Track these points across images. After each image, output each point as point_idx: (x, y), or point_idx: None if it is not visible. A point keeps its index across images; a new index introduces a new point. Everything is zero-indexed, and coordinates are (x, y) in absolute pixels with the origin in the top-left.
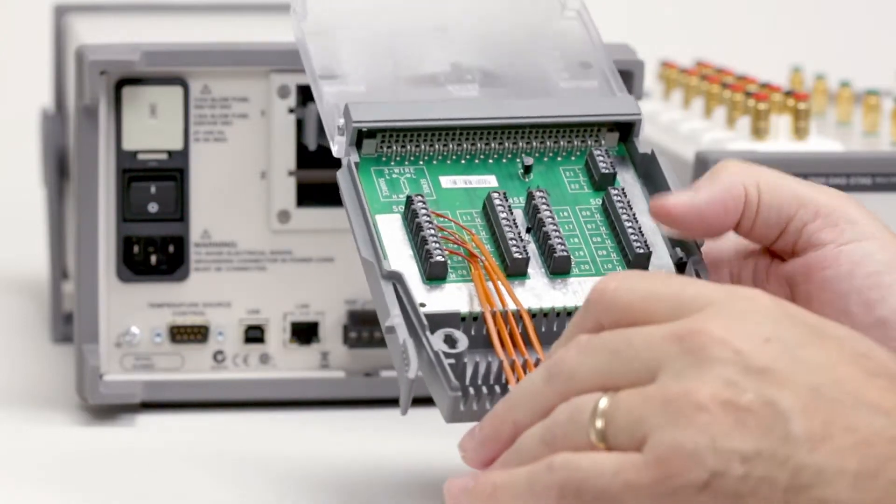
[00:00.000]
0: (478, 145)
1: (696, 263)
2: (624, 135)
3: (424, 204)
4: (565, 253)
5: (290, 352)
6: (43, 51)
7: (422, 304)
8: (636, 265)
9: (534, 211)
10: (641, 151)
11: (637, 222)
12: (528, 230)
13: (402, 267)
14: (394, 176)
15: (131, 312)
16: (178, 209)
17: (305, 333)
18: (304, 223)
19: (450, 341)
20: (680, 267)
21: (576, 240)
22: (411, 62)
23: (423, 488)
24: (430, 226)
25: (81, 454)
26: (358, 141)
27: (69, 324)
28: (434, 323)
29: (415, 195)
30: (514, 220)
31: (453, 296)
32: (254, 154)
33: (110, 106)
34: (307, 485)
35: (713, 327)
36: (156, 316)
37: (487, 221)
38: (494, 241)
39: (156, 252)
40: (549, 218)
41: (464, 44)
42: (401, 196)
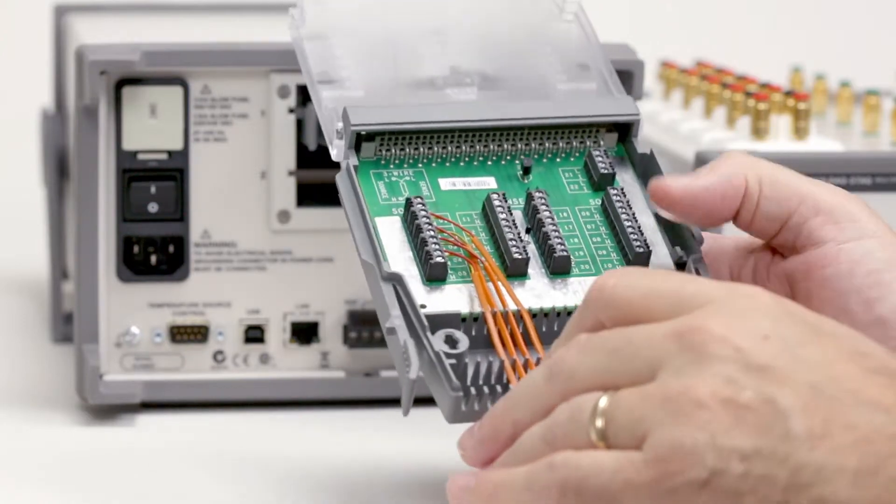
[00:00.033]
0: (476, 147)
1: (697, 262)
2: (622, 135)
3: (424, 206)
4: (565, 253)
5: (290, 352)
6: (43, 51)
7: (422, 306)
8: (636, 264)
9: (533, 211)
10: (640, 152)
11: (636, 222)
12: (528, 231)
13: (402, 269)
14: (393, 179)
15: (131, 312)
16: (178, 209)
17: (305, 333)
18: (304, 223)
19: (451, 342)
20: (680, 266)
21: (575, 240)
22: (409, 66)
23: (424, 488)
24: (430, 227)
25: (81, 454)
26: (357, 144)
27: (69, 324)
28: (434, 324)
29: (414, 197)
30: (514, 221)
31: (453, 297)
32: (254, 154)
33: (110, 106)
34: (307, 485)
35: (713, 325)
36: (156, 316)
37: (487, 223)
38: (494, 242)
39: (156, 252)
40: (549, 218)
41: (462, 47)
42: (400, 199)
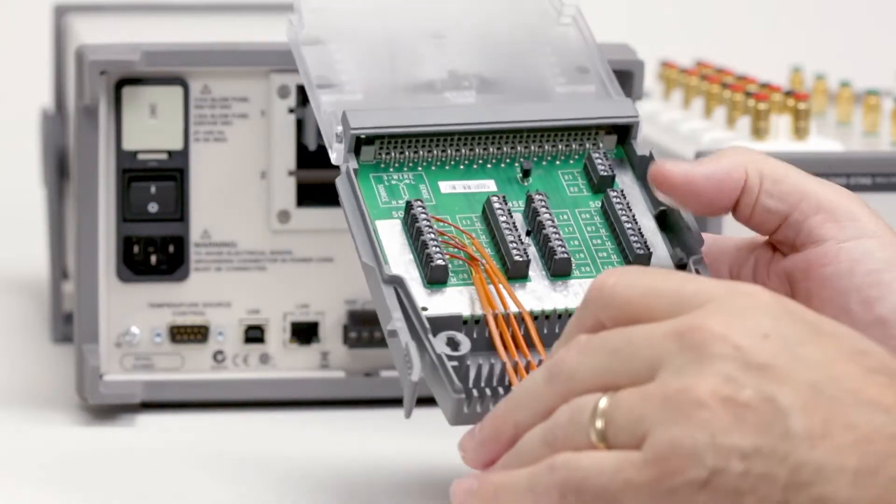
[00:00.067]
0: (476, 150)
1: (697, 263)
2: (622, 137)
3: (424, 209)
4: (566, 255)
5: (290, 352)
6: (43, 51)
7: (423, 308)
8: None
9: (533, 214)
10: (639, 154)
11: (637, 223)
12: (528, 233)
13: (403, 271)
14: (393, 182)
15: (131, 312)
16: (178, 209)
17: (305, 333)
18: (304, 223)
19: (452, 344)
20: (681, 268)
21: (576, 242)
22: (408, 70)
23: (424, 488)
24: (430, 230)
25: (81, 454)
26: (356, 148)
27: (69, 324)
28: (436, 326)
29: (414, 200)
30: (514, 224)
31: (454, 299)
32: (254, 154)
33: (110, 106)
34: (307, 485)
35: (713, 323)
36: (156, 316)
37: (487, 225)
38: (494, 245)
39: (156, 252)
40: (549, 220)
41: (460, 51)
42: (400, 202)
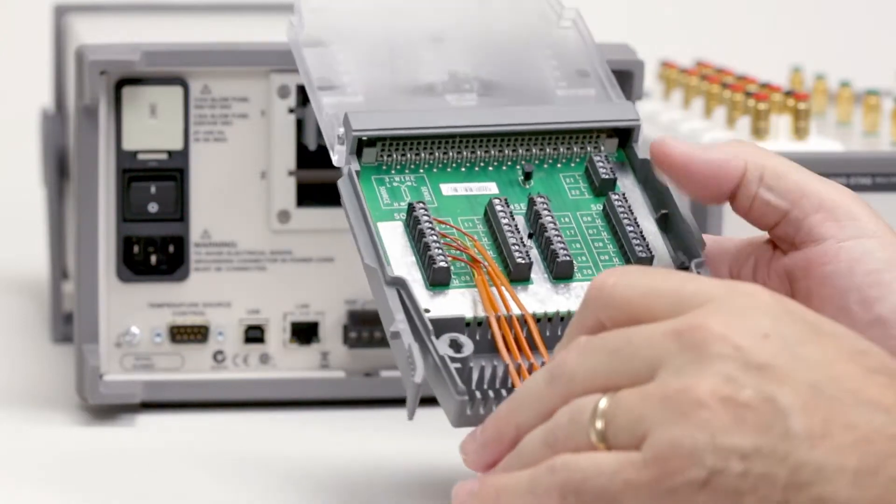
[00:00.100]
0: (478, 153)
1: (699, 266)
2: (623, 141)
3: (426, 211)
4: (568, 258)
5: (290, 352)
6: (43, 51)
7: (426, 310)
8: None
9: (535, 216)
10: (641, 157)
11: (638, 227)
12: (530, 236)
13: (405, 273)
14: (394, 184)
15: (131, 312)
16: (178, 209)
17: (305, 333)
18: (304, 223)
19: (455, 346)
20: (682, 270)
21: (578, 245)
22: (409, 72)
23: (424, 488)
24: (433, 232)
25: (81, 454)
26: (358, 149)
27: (69, 324)
28: (439, 328)
29: (416, 202)
30: (516, 226)
31: (457, 301)
32: (254, 154)
33: (110, 106)
34: (307, 485)
35: (713, 323)
36: (156, 316)
37: (489, 228)
38: (497, 247)
39: (156, 252)
40: (551, 223)
41: (461, 53)
42: (402, 204)
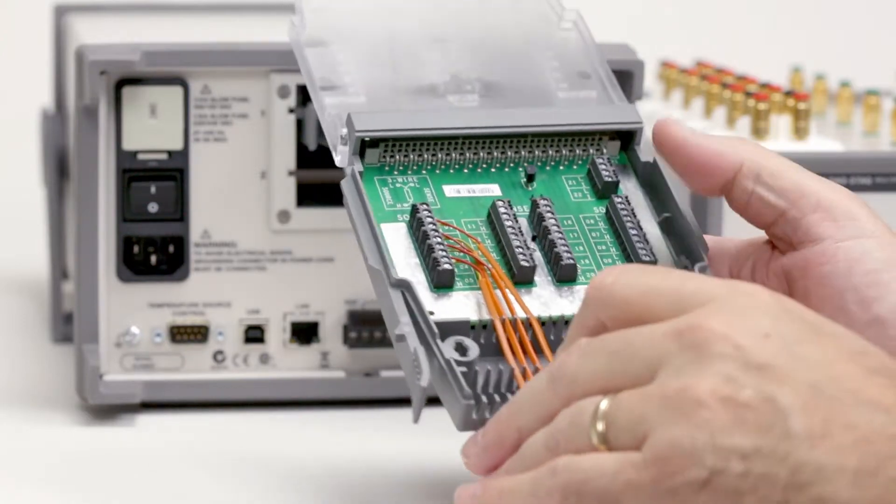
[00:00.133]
0: (480, 154)
1: (703, 270)
2: (625, 143)
3: (430, 212)
4: (571, 261)
5: (290, 352)
6: (43, 51)
7: (431, 313)
8: None
9: (538, 219)
10: (643, 160)
11: (642, 230)
12: (534, 238)
13: (409, 275)
14: (397, 185)
15: (131, 312)
16: (178, 209)
17: (305, 333)
18: (304, 223)
19: (461, 349)
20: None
21: (581, 248)
22: (411, 73)
23: (424, 489)
24: (437, 234)
25: (81, 454)
26: (361, 150)
27: (69, 324)
28: (444, 331)
29: (420, 204)
30: (520, 229)
31: (461, 304)
32: (254, 154)
33: (110, 106)
34: (307, 485)
35: (714, 323)
36: (156, 316)
37: (493, 230)
38: (500, 250)
39: (156, 252)
40: (555, 226)
41: (462, 54)
42: (405, 205)
